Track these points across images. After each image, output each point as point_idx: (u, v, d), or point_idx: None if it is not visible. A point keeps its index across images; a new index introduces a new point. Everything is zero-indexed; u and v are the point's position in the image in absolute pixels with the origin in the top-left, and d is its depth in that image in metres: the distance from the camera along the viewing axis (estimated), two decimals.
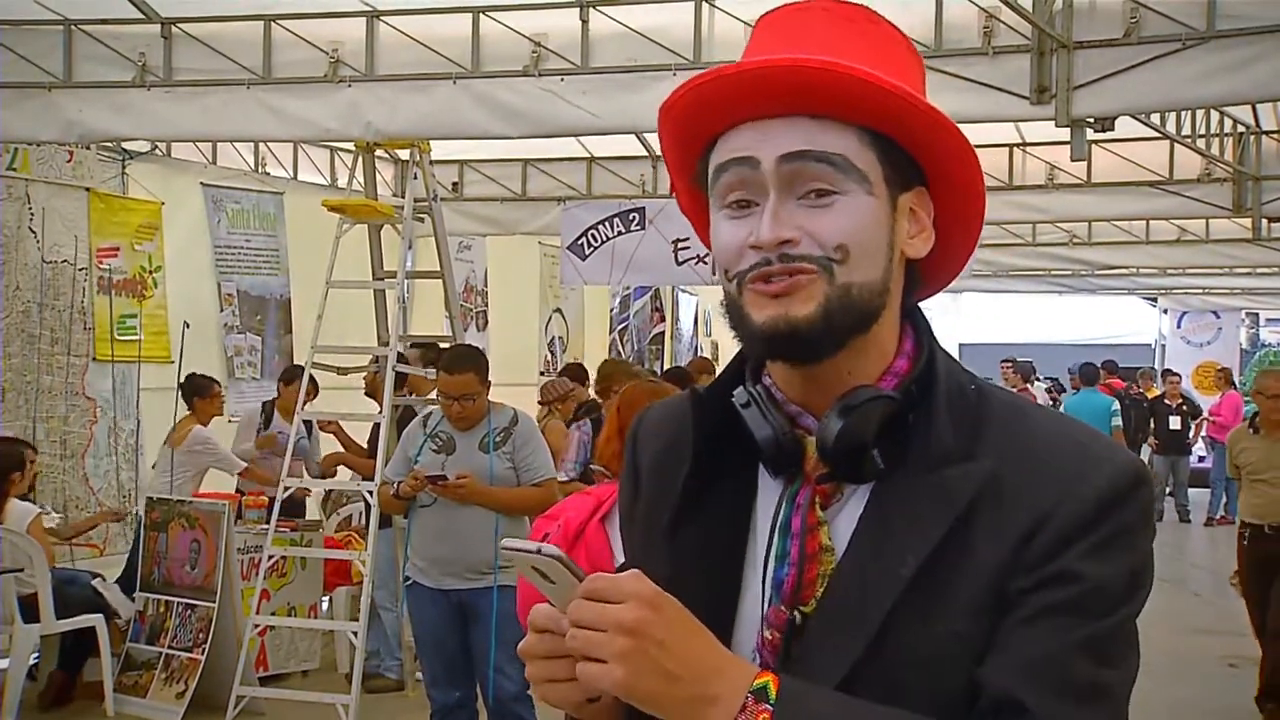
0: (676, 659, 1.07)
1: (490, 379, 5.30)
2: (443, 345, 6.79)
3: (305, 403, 7.02)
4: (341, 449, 8.06)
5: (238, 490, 7.98)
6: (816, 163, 1.17)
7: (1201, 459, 16.78)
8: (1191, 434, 15.92)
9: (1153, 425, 15.57)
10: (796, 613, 1.18)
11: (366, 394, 7.84)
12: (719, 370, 1.35)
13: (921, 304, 1.31)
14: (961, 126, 1.21)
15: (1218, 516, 15.29)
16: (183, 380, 7.92)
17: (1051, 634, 1.12)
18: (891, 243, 1.20)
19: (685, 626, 1.10)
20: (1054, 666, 1.11)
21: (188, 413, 7.82)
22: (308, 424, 8.01)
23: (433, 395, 6.24)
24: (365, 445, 7.83)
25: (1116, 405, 13.84)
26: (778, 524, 1.22)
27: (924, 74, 1.28)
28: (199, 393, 7.83)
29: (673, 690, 1.08)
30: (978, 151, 1.24)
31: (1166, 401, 15.68)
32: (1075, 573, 1.13)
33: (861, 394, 1.18)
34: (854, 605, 1.16)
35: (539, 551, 1.10)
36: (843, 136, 1.17)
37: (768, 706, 1.08)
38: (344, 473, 8.25)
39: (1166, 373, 16.82)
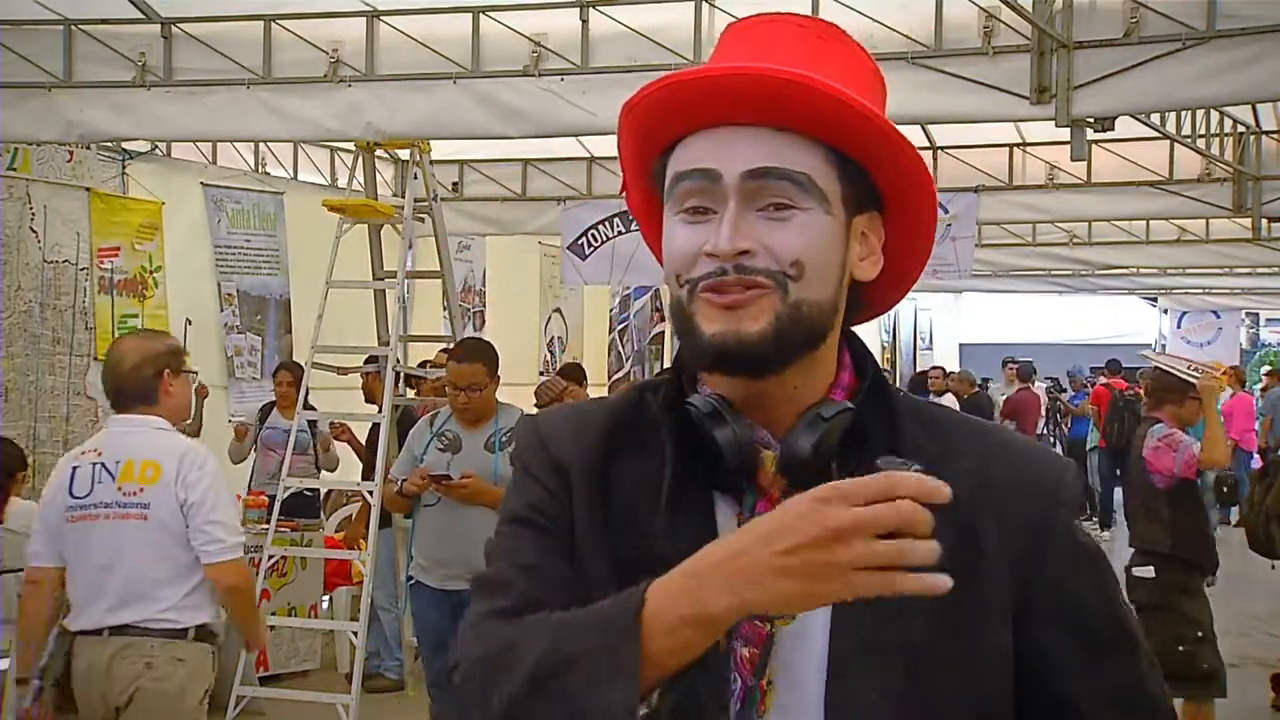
0: None
1: (499, 374, 5.30)
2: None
3: (304, 400, 7.03)
4: (356, 456, 8.05)
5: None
6: (780, 180, 1.16)
7: None
8: None
9: None
10: (772, 626, 1.16)
11: (366, 400, 7.84)
12: None
13: (920, 303, 1.31)
14: (962, 126, 1.23)
15: (1232, 520, 15.13)
16: None
17: (1116, 662, 1.23)
18: (844, 263, 1.21)
19: None
20: (1131, 696, 1.24)
21: None
22: (311, 422, 8.02)
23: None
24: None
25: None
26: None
27: (885, 99, 1.27)
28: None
29: None
30: (978, 151, 1.25)
31: None
32: (1082, 596, 1.23)
33: (828, 407, 1.18)
34: (875, 631, 1.14)
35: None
36: (807, 154, 1.17)
37: None
38: (345, 473, 8.25)
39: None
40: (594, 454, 1.25)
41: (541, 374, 12.01)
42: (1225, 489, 13.96)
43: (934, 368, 16.03)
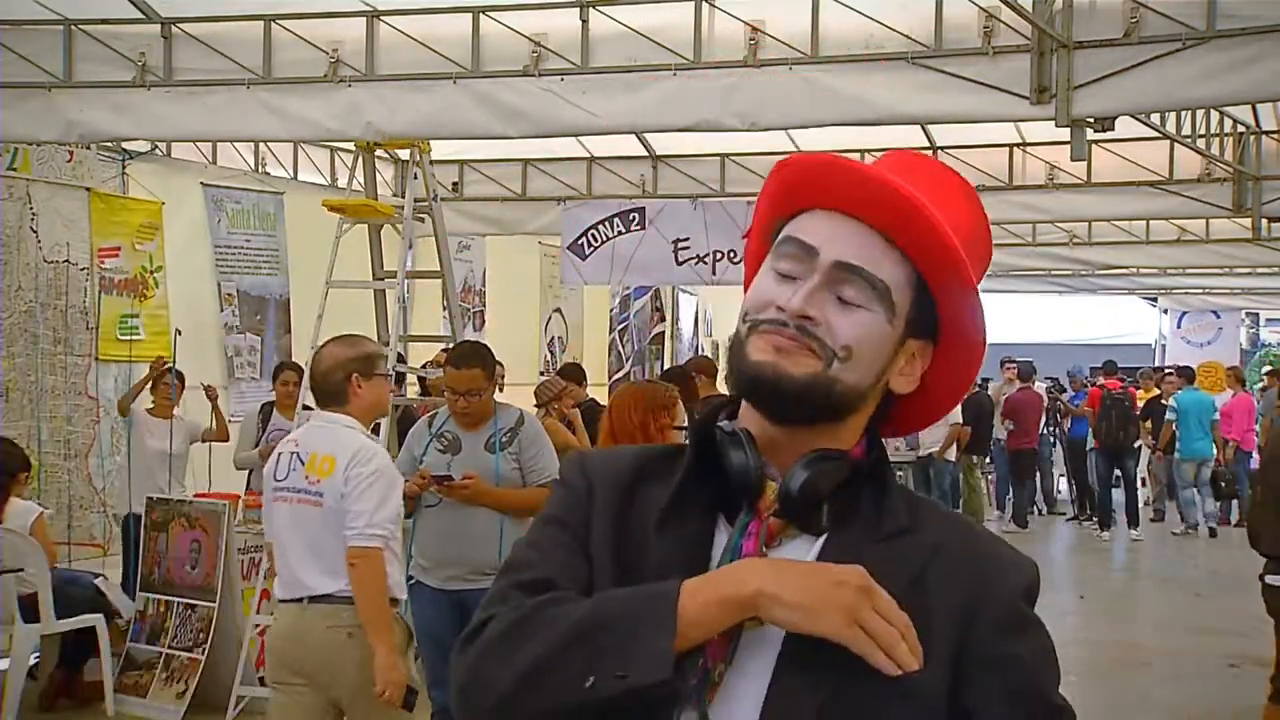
0: None
1: (497, 376, 5.30)
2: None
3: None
4: None
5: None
6: (862, 279, 1.33)
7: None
8: None
9: (1149, 425, 15.56)
10: (743, 624, 1.30)
11: None
12: (719, 370, 1.41)
13: None
14: (962, 126, 1.26)
15: (1232, 520, 15.21)
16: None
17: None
18: (886, 366, 1.37)
19: None
20: None
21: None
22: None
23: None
24: None
25: (1217, 403, 14.91)
26: (728, 548, 1.35)
27: (987, 262, 1.47)
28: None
29: None
30: (978, 151, 1.30)
31: (1164, 402, 15.65)
32: (1018, 655, 1.33)
33: (827, 453, 1.35)
34: (822, 651, 1.27)
35: None
36: (895, 269, 1.34)
37: None
38: None
39: (1165, 373, 16.78)
40: (623, 474, 1.43)
41: (542, 374, 12.02)
42: (1223, 484, 14.15)
43: None
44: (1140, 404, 15.59)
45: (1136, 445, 15.11)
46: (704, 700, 1.29)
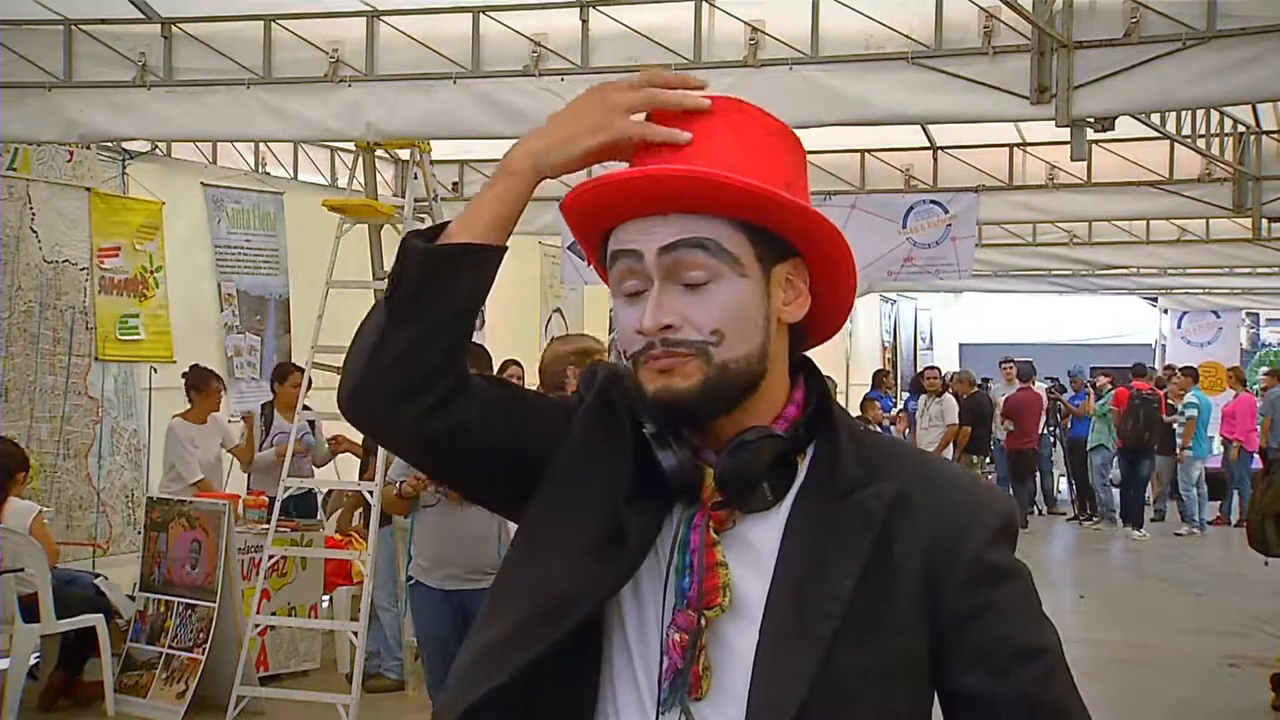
0: None
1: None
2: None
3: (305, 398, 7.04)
4: (358, 462, 8.09)
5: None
6: (691, 249, 1.31)
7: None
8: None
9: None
10: (702, 616, 1.30)
11: None
12: None
13: (920, 303, 1.39)
14: (962, 126, 1.24)
15: (1231, 520, 15.20)
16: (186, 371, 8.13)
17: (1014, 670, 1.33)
18: (767, 314, 1.35)
19: None
20: (1038, 697, 1.34)
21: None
22: (312, 422, 8.05)
23: None
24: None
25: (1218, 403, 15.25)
26: (676, 541, 1.34)
27: (800, 156, 1.41)
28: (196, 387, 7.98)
29: None
30: (978, 152, 1.28)
31: (1169, 402, 15.64)
32: (991, 604, 1.33)
33: (752, 433, 1.34)
34: (800, 626, 1.27)
35: None
36: (712, 225, 1.32)
37: None
38: (345, 473, 8.24)
39: (1176, 370, 16.75)
40: (621, 408, 1.43)
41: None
42: (1212, 483, 14.16)
43: (929, 368, 15.54)
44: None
45: (1156, 446, 15.07)
46: (685, 699, 1.30)
